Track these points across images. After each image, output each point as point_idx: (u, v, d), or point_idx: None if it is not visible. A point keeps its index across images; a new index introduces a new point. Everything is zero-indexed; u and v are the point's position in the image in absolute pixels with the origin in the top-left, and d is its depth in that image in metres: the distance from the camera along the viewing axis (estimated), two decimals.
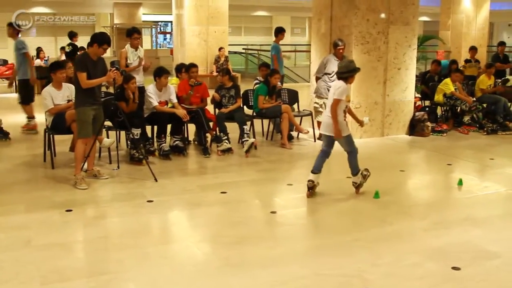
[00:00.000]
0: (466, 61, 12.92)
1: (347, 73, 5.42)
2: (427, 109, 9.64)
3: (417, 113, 9.09)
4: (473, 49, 13.06)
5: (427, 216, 5.17)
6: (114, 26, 22.24)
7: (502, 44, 14.36)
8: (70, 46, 12.54)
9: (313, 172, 5.55)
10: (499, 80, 10.81)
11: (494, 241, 4.50)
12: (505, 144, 8.61)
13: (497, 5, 19.54)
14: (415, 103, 9.38)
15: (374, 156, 7.59)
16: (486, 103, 9.68)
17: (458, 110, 9.63)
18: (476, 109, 9.49)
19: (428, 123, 9.02)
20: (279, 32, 9.85)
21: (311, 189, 5.54)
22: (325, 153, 5.57)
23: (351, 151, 5.58)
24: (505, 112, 9.64)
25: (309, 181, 5.54)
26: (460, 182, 6.17)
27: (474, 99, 9.78)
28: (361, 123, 5.90)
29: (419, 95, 10.20)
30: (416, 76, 10.15)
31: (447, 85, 9.63)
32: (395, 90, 8.82)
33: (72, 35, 13.13)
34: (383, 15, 8.52)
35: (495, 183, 6.37)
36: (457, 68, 10.47)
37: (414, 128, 8.96)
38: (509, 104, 9.88)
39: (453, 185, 6.21)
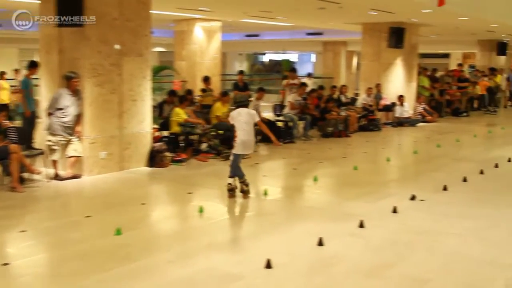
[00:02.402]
0: (203, 90, 13.95)
1: (247, 101, 7.67)
2: (165, 139, 10.12)
3: (155, 144, 9.51)
4: (206, 79, 14.19)
5: (171, 247, 5.47)
6: None
7: (241, 72, 15.91)
8: None
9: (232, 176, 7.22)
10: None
11: (237, 263, 5.00)
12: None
13: (228, 35, 21.61)
14: (153, 134, 9.78)
15: (113, 191, 7.70)
16: (222, 130, 10.64)
17: (196, 136, 10.33)
18: (210, 133, 10.32)
19: (167, 154, 9.50)
20: (33, 66, 9.48)
21: (231, 191, 7.16)
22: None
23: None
24: None
25: (228, 183, 7.15)
26: (201, 210, 6.68)
27: (209, 126, 10.64)
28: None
29: (157, 126, 10.65)
30: (154, 106, 10.63)
31: (179, 115, 10.27)
32: (132, 122, 9.09)
33: None
34: (117, 46, 8.72)
35: (235, 206, 7.06)
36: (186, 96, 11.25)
37: (154, 159, 9.33)
38: None
39: (194, 213, 6.68)
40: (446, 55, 32.73)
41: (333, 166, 10.09)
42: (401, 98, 16.04)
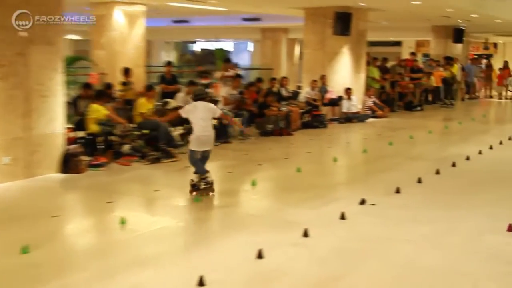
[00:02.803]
0: (123, 83, 13.74)
1: (205, 94, 8.18)
2: (81, 140, 9.91)
3: (69, 147, 9.31)
4: (126, 71, 13.99)
5: (88, 265, 5.38)
6: None
7: (168, 64, 15.65)
8: None
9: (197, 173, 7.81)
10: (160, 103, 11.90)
11: (165, 282, 4.96)
12: (170, 173, 9.52)
13: (153, 21, 21.33)
14: (67, 134, 9.57)
15: (19, 203, 7.50)
16: (147, 129, 10.52)
17: (117, 137, 10.17)
18: (131, 135, 10.20)
19: (83, 157, 9.34)
20: None
21: (194, 186, 7.77)
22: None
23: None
24: (167, 138, 10.62)
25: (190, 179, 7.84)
26: (123, 221, 6.57)
27: (133, 125, 10.51)
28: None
29: (71, 125, 10.42)
30: (68, 103, 10.39)
31: (97, 111, 10.07)
32: (42, 122, 8.90)
33: None
34: (23, 33, 8.50)
35: (163, 216, 7.02)
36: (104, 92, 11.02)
37: (68, 164, 9.14)
38: (170, 129, 10.93)
39: (115, 226, 6.57)
40: (397, 43, 33.68)
41: (274, 168, 10.19)
42: (348, 91, 16.36)
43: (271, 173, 9.91)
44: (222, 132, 12.45)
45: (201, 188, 7.85)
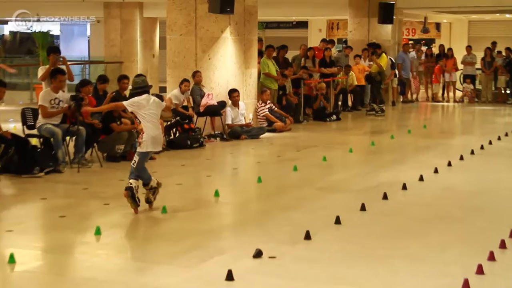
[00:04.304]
0: None
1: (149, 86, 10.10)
2: None
3: None
4: None
5: None
6: None
7: None
8: None
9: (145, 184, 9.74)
10: None
11: None
12: None
13: None
14: None
15: None
16: None
17: None
18: None
19: None
20: None
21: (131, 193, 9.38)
22: None
23: None
24: None
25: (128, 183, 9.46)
26: None
27: None
28: None
29: None
30: None
31: None
32: None
33: None
34: None
35: None
36: None
37: None
38: None
39: None
40: (302, 24, 34.42)
41: (128, 208, 10.09)
42: (234, 94, 16.50)
43: (124, 215, 9.79)
44: (46, 157, 12.24)
45: (151, 200, 9.82)
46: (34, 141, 12.83)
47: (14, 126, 15.29)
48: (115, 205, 10.21)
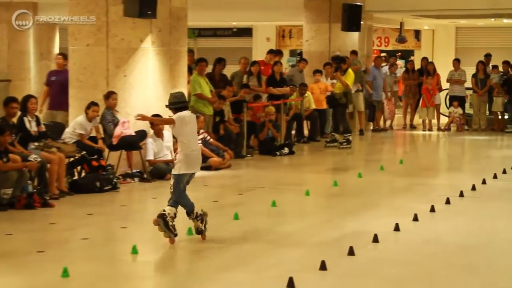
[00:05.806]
0: None
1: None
2: None
3: None
4: None
5: None
6: None
7: None
8: None
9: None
10: None
11: None
12: None
13: None
14: None
15: None
16: None
17: None
18: None
19: None
20: None
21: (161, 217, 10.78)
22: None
23: None
24: None
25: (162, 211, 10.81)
26: None
27: None
28: None
29: None
30: None
31: None
32: None
33: None
34: None
35: None
36: None
37: None
38: None
39: None
40: (245, 32, 34.63)
41: (17, 274, 10.00)
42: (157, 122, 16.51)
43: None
44: None
45: (201, 229, 11.22)
46: None
47: None
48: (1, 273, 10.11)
